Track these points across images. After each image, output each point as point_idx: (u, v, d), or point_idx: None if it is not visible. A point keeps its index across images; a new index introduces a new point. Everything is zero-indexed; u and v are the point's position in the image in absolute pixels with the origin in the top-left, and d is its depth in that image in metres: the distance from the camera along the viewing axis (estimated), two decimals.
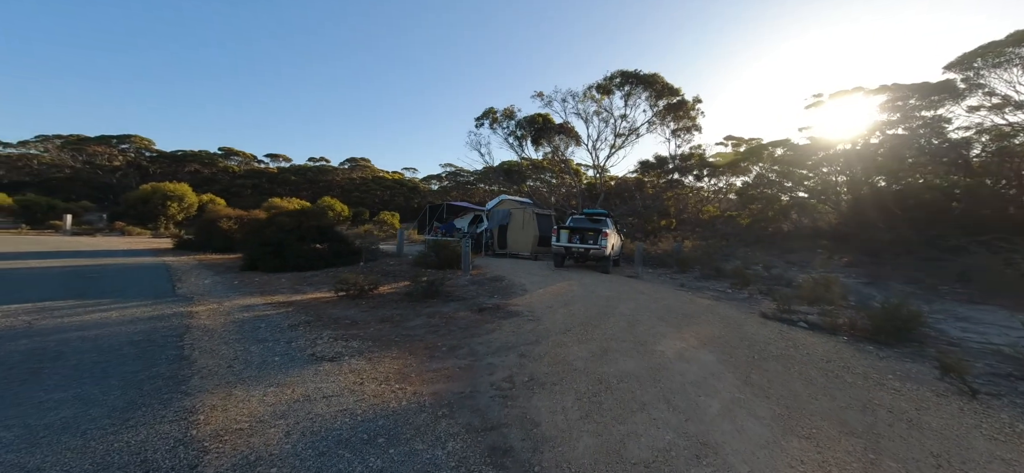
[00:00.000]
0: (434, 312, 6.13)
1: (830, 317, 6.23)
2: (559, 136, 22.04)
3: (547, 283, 8.87)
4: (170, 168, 49.59)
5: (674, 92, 17.06)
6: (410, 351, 4.26)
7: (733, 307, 7.41)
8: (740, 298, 8.67)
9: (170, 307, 5.62)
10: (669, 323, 5.83)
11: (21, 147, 48.11)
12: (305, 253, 9.57)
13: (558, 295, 7.62)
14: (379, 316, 5.67)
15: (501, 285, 8.55)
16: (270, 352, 3.98)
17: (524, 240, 13.91)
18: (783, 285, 10.40)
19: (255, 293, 6.84)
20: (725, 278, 11.56)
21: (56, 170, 45.98)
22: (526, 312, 6.27)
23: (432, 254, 10.22)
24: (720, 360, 4.29)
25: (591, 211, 11.97)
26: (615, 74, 16.74)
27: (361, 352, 4.09)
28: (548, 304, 6.84)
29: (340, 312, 5.79)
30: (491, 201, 15.32)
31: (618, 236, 12.74)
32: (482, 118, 19.81)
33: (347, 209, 31.52)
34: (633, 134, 18.94)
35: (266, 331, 4.66)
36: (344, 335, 4.65)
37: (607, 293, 7.95)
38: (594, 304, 6.87)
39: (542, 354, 4.31)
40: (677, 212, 27.95)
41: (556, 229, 10.98)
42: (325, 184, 54.41)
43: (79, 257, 10.25)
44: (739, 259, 15.92)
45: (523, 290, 8.06)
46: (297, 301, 6.37)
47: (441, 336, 4.88)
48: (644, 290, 8.70)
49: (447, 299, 7.09)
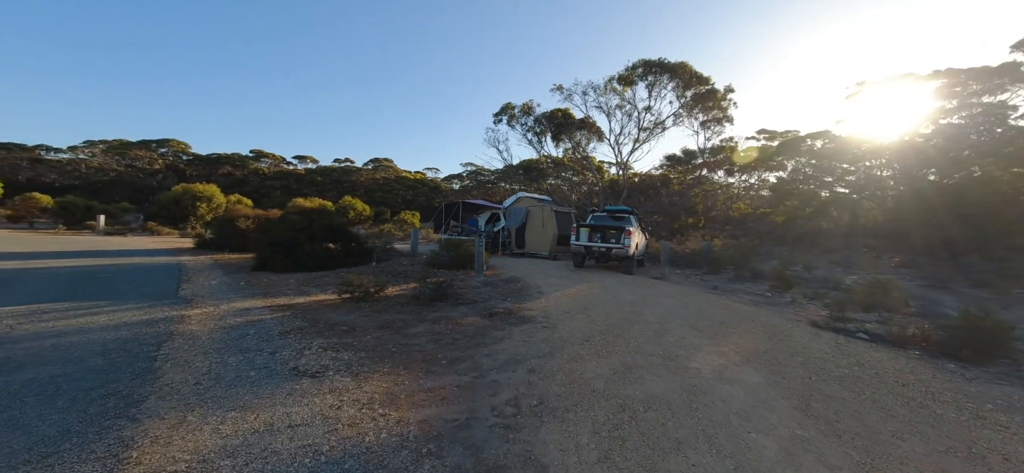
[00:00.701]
0: (440, 317, 5.63)
1: (895, 327, 5.36)
2: (580, 131, 21.28)
3: (565, 285, 8.24)
4: (205, 170, 51.46)
5: (703, 81, 16.05)
6: (405, 364, 3.75)
7: (776, 313, 6.59)
8: (782, 303, 7.80)
9: (164, 310, 5.33)
10: (703, 333, 5.12)
11: (70, 152, 50.90)
12: (316, 253, 9.28)
13: (577, 299, 6.99)
14: (380, 321, 5.21)
15: (516, 287, 7.99)
16: (249, 365, 3.55)
17: (543, 239, 13.30)
18: (830, 288, 9.41)
19: (258, 295, 6.52)
20: (762, 280, 10.61)
21: (102, 174, 48.41)
22: (541, 318, 5.68)
23: (445, 254, 9.76)
24: (770, 382, 3.58)
25: (613, 208, 11.24)
26: (638, 64, 15.88)
27: (349, 366, 3.61)
28: (565, 309, 6.23)
29: (340, 317, 5.37)
30: (509, 199, 14.79)
31: (642, 235, 11.96)
32: (500, 114, 19.28)
33: (368, 209, 31.65)
34: (658, 127, 18.00)
35: (253, 339, 4.25)
36: (336, 344, 4.19)
37: (631, 297, 7.26)
38: (616, 309, 6.21)
39: (555, 370, 3.72)
40: (705, 209, 26.67)
41: (575, 227, 10.33)
42: (350, 184, 55.30)
43: (100, 256, 10.32)
44: (776, 259, 14.81)
45: (539, 293, 7.47)
46: (298, 304, 5.99)
47: (443, 346, 4.36)
48: (672, 293, 7.95)
49: (456, 302, 6.58)
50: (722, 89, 16.45)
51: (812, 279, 10.85)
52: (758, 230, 22.47)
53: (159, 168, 50.97)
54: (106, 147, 51.25)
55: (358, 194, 46.54)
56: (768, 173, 25.47)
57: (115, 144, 51.75)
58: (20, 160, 46.70)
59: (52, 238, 14.84)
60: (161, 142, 53.70)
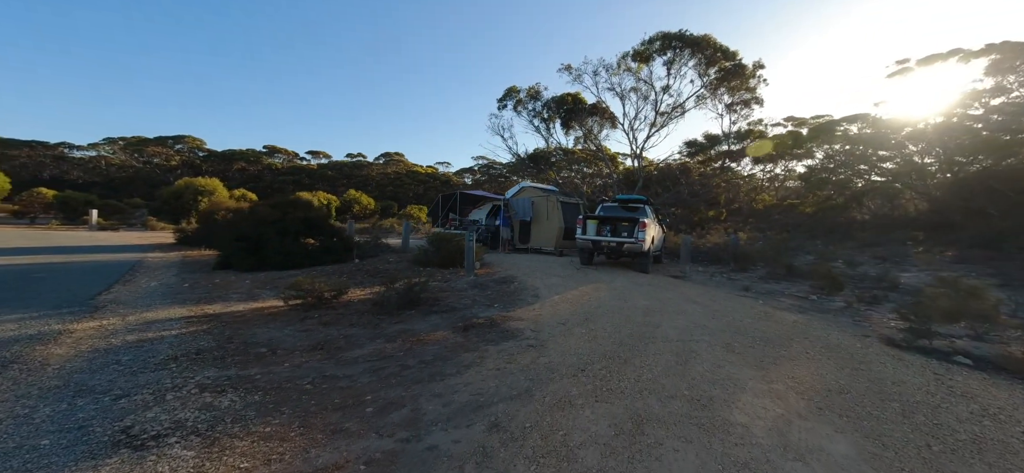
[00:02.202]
0: (401, 331, 4.44)
1: (1000, 344, 3.94)
2: (592, 118, 19.79)
3: (567, 286, 6.96)
4: (219, 166, 51.68)
5: (729, 55, 14.40)
6: (310, 414, 2.56)
7: (832, 325, 5.18)
8: (833, 308, 6.36)
9: (51, 322, 4.27)
10: (744, 357, 3.79)
11: (91, 150, 51.73)
12: (287, 250, 8.21)
13: (578, 305, 5.71)
14: (318, 339, 4.04)
15: (508, 289, 6.75)
16: (64, 421, 2.40)
17: (547, 233, 12.01)
18: (886, 288, 7.88)
19: (191, 301, 5.45)
20: (801, 278, 9.12)
21: (122, 170, 49.02)
22: (529, 333, 4.44)
23: (433, 250, 8.58)
24: (869, 457, 2.26)
25: (625, 197, 9.86)
26: (655, 37, 14.31)
27: (216, 423, 2.42)
28: (562, 319, 4.96)
29: (269, 332, 4.23)
30: (512, 189, 13.53)
31: (659, 227, 10.54)
32: (504, 99, 17.94)
33: (373, 202, 30.81)
34: (677, 111, 16.41)
35: (117, 370, 3.12)
36: (233, 378, 3.04)
37: (646, 302, 5.93)
38: (627, 319, 4.91)
39: (529, 426, 2.47)
40: (727, 201, 24.87)
41: (581, 219, 9.00)
42: (361, 179, 54.94)
43: (60, 253, 9.50)
44: (810, 253, 13.20)
45: (534, 297, 6.21)
46: (230, 314, 4.88)
47: (383, 379, 3.16)
48: (696, 297, 6.59)
49: (429, 309, 5.38)
50: (751, 65, 14.77)
51: (859, 277, 9.30)
52: (785, 222, 20.73)
53: (175, 164, 51.40)
54: (124, 144, 51.90)
55: (369, 188, 45.98)
56: (795, 162, 23.57)
57: (133, 141, 52.36)
58: (44, 158, 47.57)
59: (36, 233, 14.26)
60: (177, 139, 54.21)
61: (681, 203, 19.98)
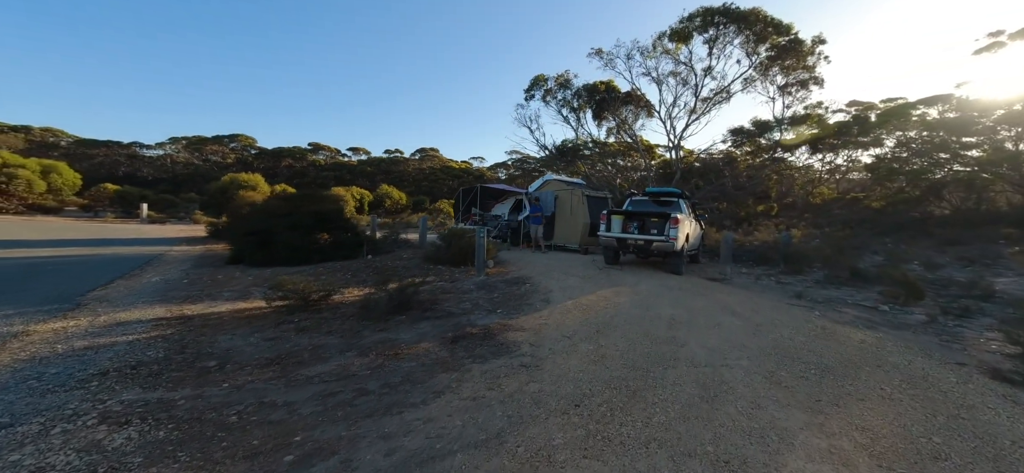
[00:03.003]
0: (381, 342, 3.91)
1: None
2: (626, 107, 18.57)
3: (585, 290, 6.19)
4: (269, 163, 54.45)
5: (782, 30, 12.78)
6: (208, 466, 2.04)
7: (913, 346, 4.12)
8: (910, 323, 5.20)
9: (19, 322, 4.11)
10: (794, 393, 2.93)
11: (158, 149, 56.09)
12: (296, 244, 7.98)
13: (593, 312, 4.95)
14: (281, 350, 3.59)
15: (517, 291, 6.09)
16: None
17: (571, 229, 11.19)
18: (978, 298, 6.49)
19: (176, 300, 5.22)
20: (868, 283, 7.82)
21: (186, 168, 52.81)
22: (526, 348, 3.77)
23: (444, 247, 8.06)
24: None
25: (656, 190, 8.85)
26: (695, 13, 12.92)
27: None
28: (569, 331, 4.25)
29: (235, 339, 3.83)
30: (535, 183, 12.80)
31: (696, 223, 9.44)
32: (531, 89, 17.13)
33: (404, 197, 31.05)
34: (721, 95, 14.92)
35: (32, 387, 2.78)
36: (145, 406, 2.60)
37: (673, 311, 5.08)
38: (646, 334, 4.12)
39: None
40: (780, 194, 22.76)
41: (606, 215, 8.14)
42: (397, 174, 56.08)
43: (94, 245, 9.87)
44: (878, 253, 11.55)
45: (544, 301, 5.52)
46: (206, 315, 4.57)
47: (327, 411, 2.62)
48: (736, 305, 5.63)
49: (424, 314, 4.83)
50: (809, 40, 13.06)
51: (943, 283, 7.84)
52: (847, 218, 18.61)
53: (231, 161, 54.62)
54: (186, 143, 55.84)
55: (405, 183, 46.69)
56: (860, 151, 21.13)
57: (193, 140, 56.17)
58: (119, 156, 51.98)
59: (88, 226, 15.19)
60: (232, 137, 57.53)
61: (725, 196, 18.39)
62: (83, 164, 45.93)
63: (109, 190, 26.65)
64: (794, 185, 23.20)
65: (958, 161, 18.12)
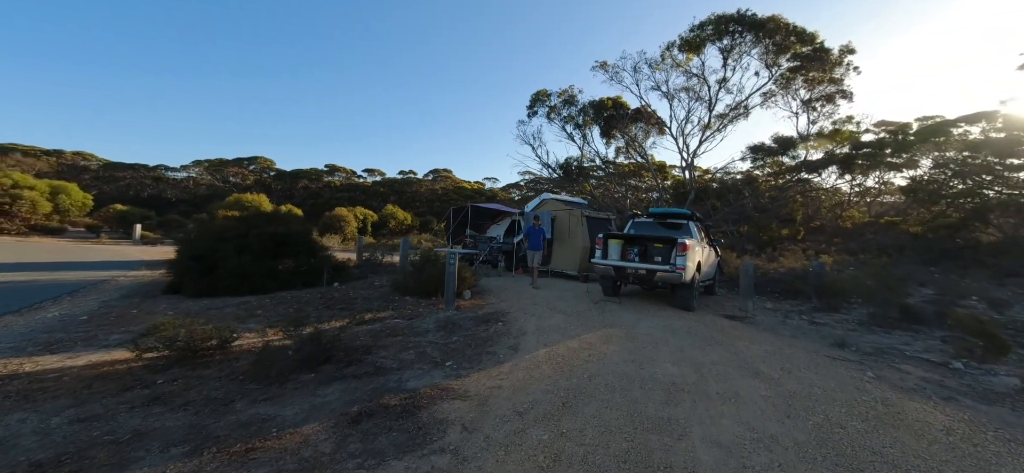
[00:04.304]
0: (252, 421, 2.80)
1: None
2: (636, 124, 17.46)
3: (568, 332, 4.98)
4: (287, 184, 55.10)
5: (806, 39, 11.57)
6: None
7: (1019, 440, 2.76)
8: (999, 389, 3.81)
9: None
10: None
11: (182, 171, 57.53)
12: (248, 271, 7.02)
13: (568, 368, 3.74)
14: (75, 443, 2.53)
15: (483, 333, 4.92)
16: None
17: (569, 254, 9.99)
18: None
19: (39, 347, 4.23)
20: (924, 326, 6.36)
21: (210, 190, 53.82)
22: (454, 433, 2.61)
23: (412, 276, 6.99)
24: None
25: (661, 210, 7.60)
26: (708, 21, 11.83)
27: None
28: (527, 401, 3.06)
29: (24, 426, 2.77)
30: (532, 202, 11.71)
31: (710, 249, 8.09)
32: (534, 105, 16.22)
33: (410, 217, 30.35)
34: (738, 110, 13.69)
35: None
36: None
37: (674, 369, 3.82)
38: (630, 414, 2.89)
39: None
40: (806, 218, 21.07)
41: (602, 239, 6.95)
42: (410, 195, 55.99)
43: (47, 270, 9.13)
44: (930, 287, 9.93)
45: (512, 349, 4.34)
46: (44, 373, 3.55)
47: None
48: (761, 361, 4.31)
49: (343, 369, 3.71)
50: (836, 50, 11.79)
51: (1019, 326, 6.32)
52: (883, 244, 16.84)
53: (250, 183, 55.46)
54: (208, 165, 57.13)
55: (418, 204, 46.25)
56: (892, 173, 19.43)
57: (215, 162, 57.44)
58: (145, 178, 53.37)
59: (75, 246, 14.74)
60: (251, 159, 58.60)
61: (746, 219, 16.90)
62: (110, 186, 47.01)
63: (118, 210, 26.79)
64: (821, 207, 21.53)
65: (1003, 183, 16.28)
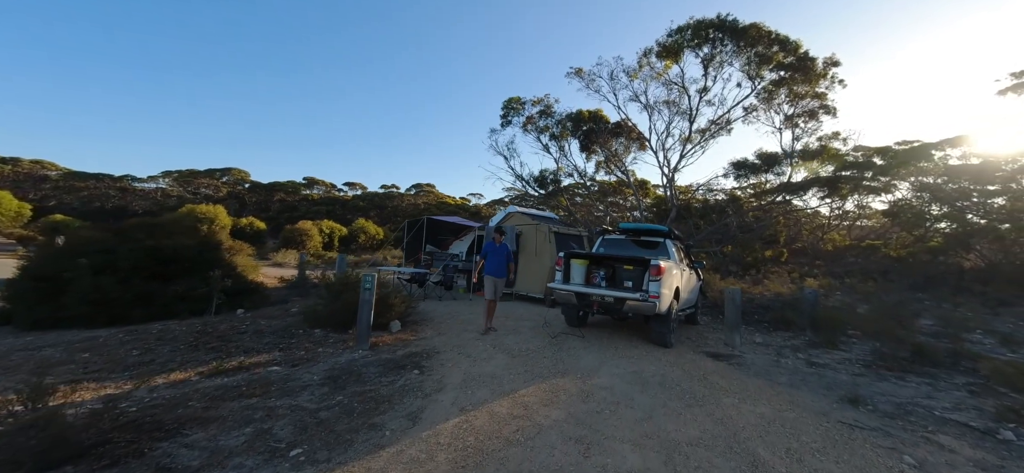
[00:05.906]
0: None
1: None
2: (616, 139, 16.58)
3: (502, 386, 3.70)
4: (262, 197, 52.78)
5: (789, 48, 10.85)
6: None
7: None
8: None
9: None
10: None
11: (150, 182, 54.59)
12: (111, 295, 5.52)
13: (477, 462, 2.46)
14: None
15: (386, 389, 3.61)
16: None
17: (535, 274, 8.75)
18: None
19: None
20: (939, 369, 5.29)
21: (177, 201, 51.02)
22: None
23: (325, 303, 5.63)
24: None
25: (633, 226, 6.46)
26: (686, 26, 11.02)
27: None
28: None
29: None
30: (497, 215, 10.51)
31: (689, 272, 6.91)
32: (507, 113, 15.18)
33: (381, 231, 28.81)
34: (721, 123, 12.88)
35: None
36: None
37: (636, 460, 2.57)
38: None
39: None
40: (788, 239, 20.44)
41: (561, 258, 5.74)
42: (392, 209, 54.27)
43: None
44: (928, 317, 9.01)
45: (411, 418, 3.04)
46: None
47: None
48: (758, 436, 3.11)
49: (104, 470, 2.34)
50: (821, 62, 11.10)
51: None
52: (866, 267, 16.17)
53: (223, 195, 52.91)
54: (178, 176, 54.51)
55: (398, 218, 44.57)
56: (871, 196, 19.03)
57: (185, 173, 54.90)
58: (109, 189, 50.26)
59: None
60: (224, 171, 56.25)
61: (730, 240, 16.04)
62: (71, 196, 44.08)
63: (57, 220, 24.64)
64: (803, 230, 20.98)
65: (978, 210, 15.83)
